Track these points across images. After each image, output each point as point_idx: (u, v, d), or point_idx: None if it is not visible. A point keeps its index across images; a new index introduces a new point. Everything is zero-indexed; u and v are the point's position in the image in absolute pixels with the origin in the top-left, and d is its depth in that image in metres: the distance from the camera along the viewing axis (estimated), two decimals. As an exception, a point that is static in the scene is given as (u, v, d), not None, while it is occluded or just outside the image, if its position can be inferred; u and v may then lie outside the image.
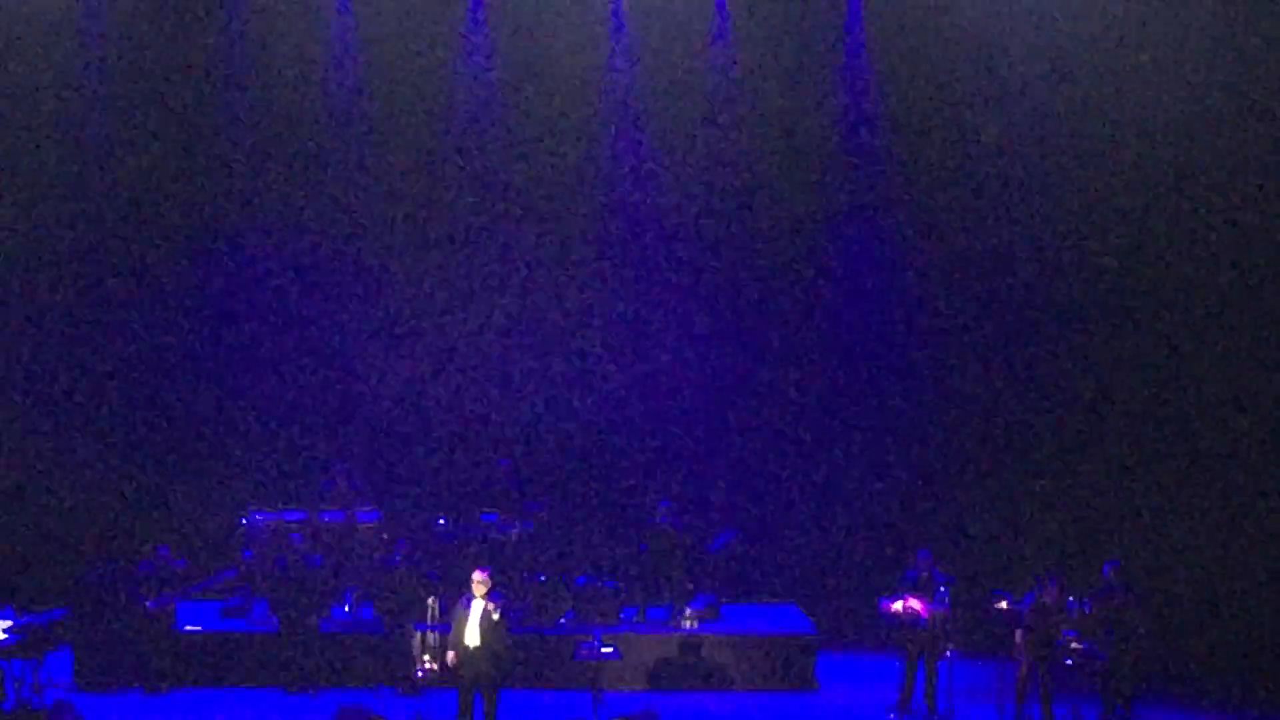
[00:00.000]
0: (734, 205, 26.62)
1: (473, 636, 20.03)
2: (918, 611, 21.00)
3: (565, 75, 26.39)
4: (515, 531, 23.80)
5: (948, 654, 21.09)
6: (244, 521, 24.06)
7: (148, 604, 22.02)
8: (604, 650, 20.90)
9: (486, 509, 23.98)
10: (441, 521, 24.00)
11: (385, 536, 23.92)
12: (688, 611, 23.43)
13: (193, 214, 26.29)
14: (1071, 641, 20.57)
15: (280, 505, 24.35)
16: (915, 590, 21.17)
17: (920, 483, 26.39)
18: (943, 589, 21.09)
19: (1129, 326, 26.04)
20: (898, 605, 21.17)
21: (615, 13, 26.39)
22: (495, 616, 20.00)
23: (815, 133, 26.48)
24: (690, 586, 23.81)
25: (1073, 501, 25.95)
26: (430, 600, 22.05)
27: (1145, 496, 25.81)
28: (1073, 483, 26.06)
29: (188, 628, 22.77)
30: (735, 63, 26.35)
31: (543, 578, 23.49)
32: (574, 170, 26.57)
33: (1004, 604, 21.01)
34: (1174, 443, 25.91)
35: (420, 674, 21.86)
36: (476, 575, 20.13)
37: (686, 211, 26.68)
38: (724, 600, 24.25)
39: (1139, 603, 21.14)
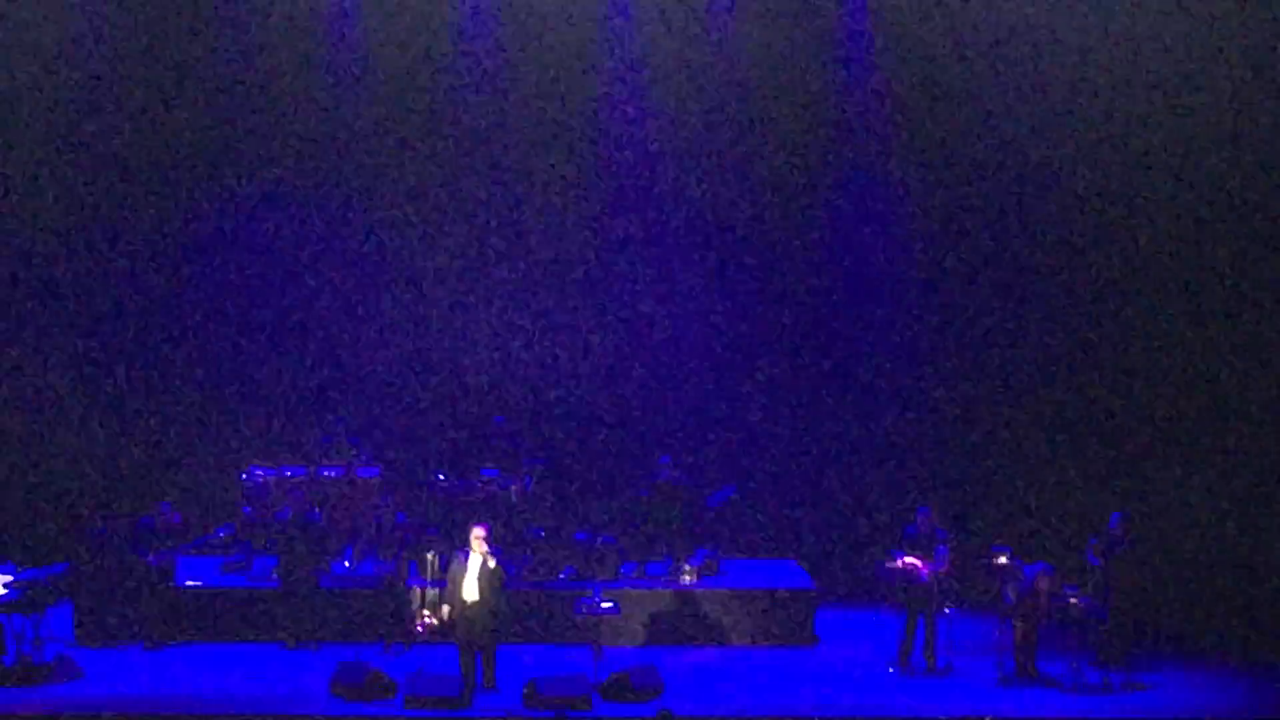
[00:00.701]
0: (733, 161, 26.52)
1: (471, 591, 20.13)
2: (917, 568, 21.03)
3: (562, 31, 26.27)
4: (514, 487, 23.82)
5: (947, 611, 21.14)
6: (244, 477, 24.08)
7: (149, 559, 22.06)
8: (603, 605, 20.99)
9: (486, 465, 23.98)
10: (441, 477, 24.01)
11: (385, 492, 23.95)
12: (687, 567, 23.47)
13: (193, 169, 26.17)
14: (1071, 597, 20.59)
15: (280, 461, 24.35)
16: (915, 547, 21.19)
17: (920, 438, 26.38)
18: (942, 546, 21.13)
19: (1133, 279, 25.97)
20: (898, 561, 21.21)
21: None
22: (493, 569, 20.08)
23: (815, 88, 26.38)
24: (689, 542, 23.85)
25: (1076, 457, 25.95)
26: (429, 555, 22.09)
27: (1148, 450, 25.81)
28: (1075, 438, 26.06)
29: (188, 583, 22.80)
30: (735, 18, 26.24)
31: (542, 533, 23.52)
32: (572, 127, 26.47)
33: (1003, 559, 21.04)
34: (1179, 395, 25.87)
35: (419, 629, 21.91)
36: (475, 531, 20.21)
37: (687, 167, 26.59)
38: (723, 555, 24.29)
39: (1142, 556, 21.23)
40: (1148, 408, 25.94)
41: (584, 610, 21.00)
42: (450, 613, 20.28)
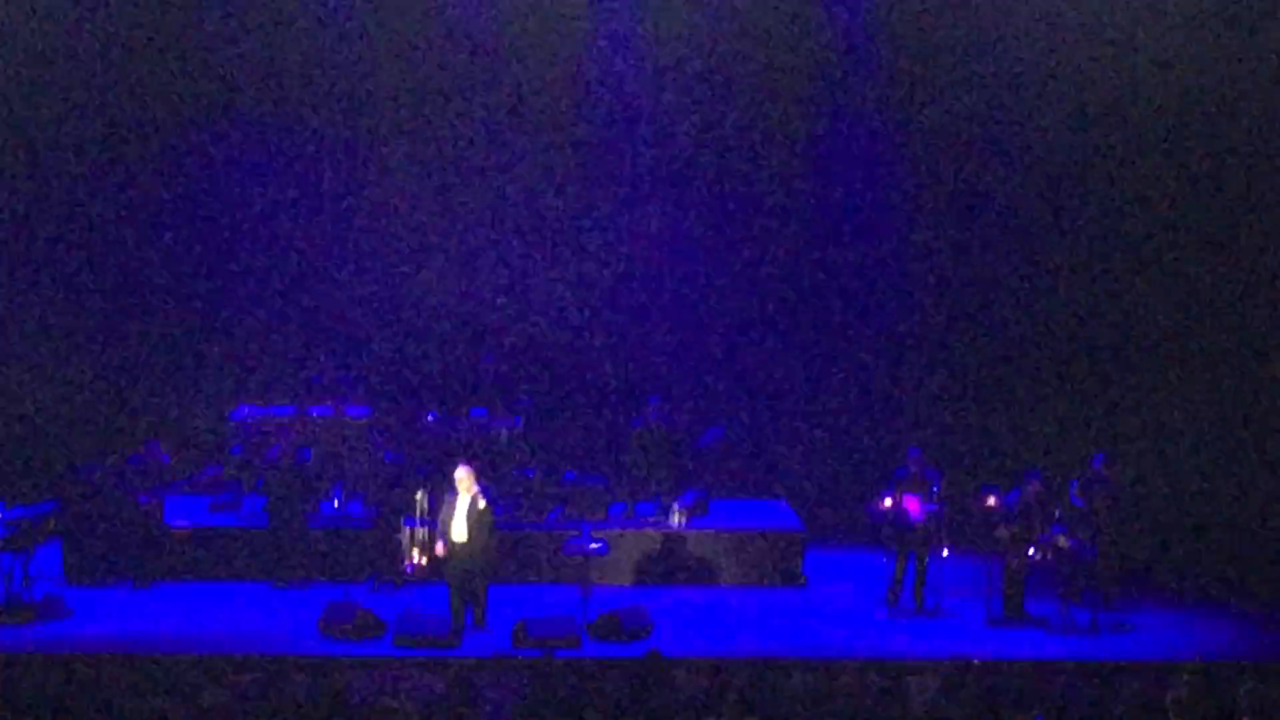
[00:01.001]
0: (724, 98, 26.43)
1: (460, 532, 20.14)
2: (907, 509, 21.04)
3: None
4: (504, 428, 23.80)
5: (945, 553, 21.13)
6: (233, 416, 24.04)
7: (138, 498, 22.02)
8: (592, 545, 20.99)
9: (476, 405, 23.95)
10: (431, 417, 23.98)
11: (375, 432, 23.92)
12: (676, 507, 23.47)
13: (181, 107, 26.04)
14: (1059, 538, 20.59)
15: (269, 400, 24.31)
16: (905, 488, 21.18)
17: (910, 379, 26.40)
18: (934, 487, 21.12)
19: (1119, 218, 25.94)
20: (887, 502, 21.20)
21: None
22: (482, 509, 20.10)
23: (804, 27, 26.26)
24: (679, 482, 23.84)
25: (1065, 397, 25.97)
26: (419, 495, 22.07)
27: (1137, 392, 25.83)
28: (1065, 378, 26.08)
29: (177, 522, 22.79)
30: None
31: (531, 473, 23.52)
32: (563, 62, 26.35)
33: (992, 500, 21.05)
34: (1166, 335, 25.89)
35: (409, 569, 21.92)
36: (461, 470, 20.22)
37: (676, 106, 26.50)
38: (712, 496, 24.29)
39: (1124, 497, 21.26)
40: (1135, 348, 25.98)
41: (573, 550, 21.02)
42: (441, 550, 20.32)
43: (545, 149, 26.46)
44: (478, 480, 20.44)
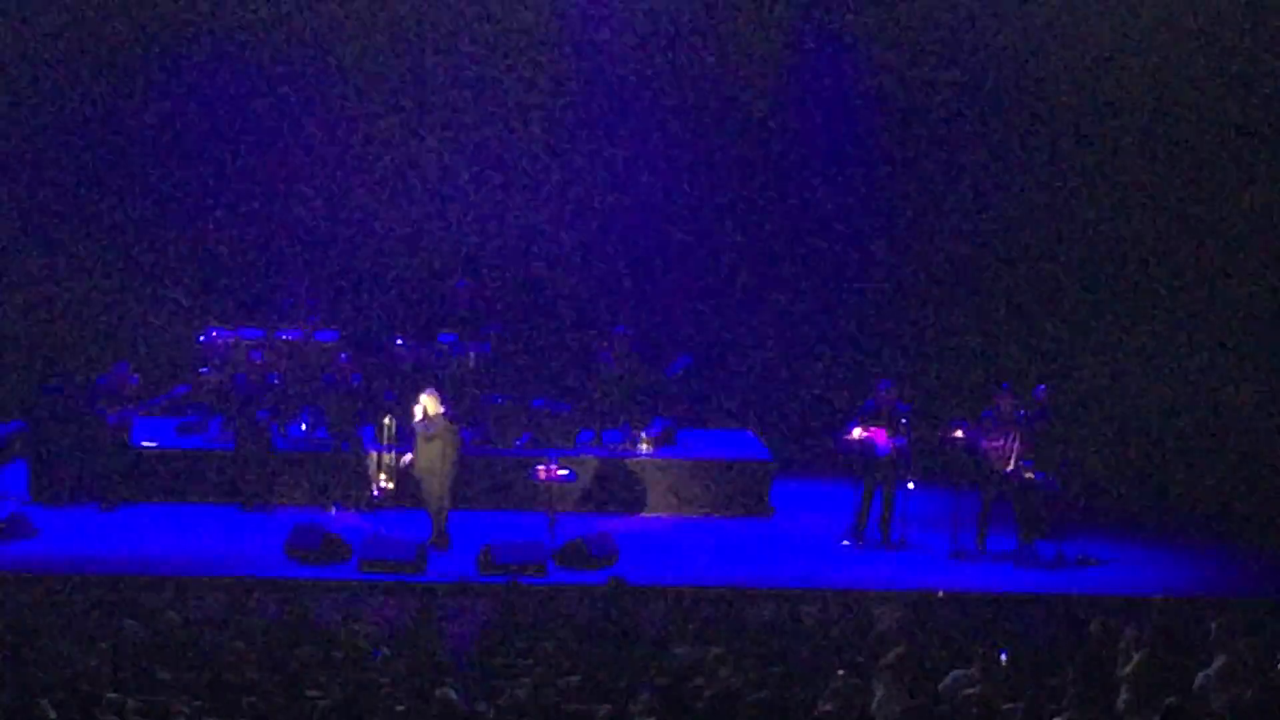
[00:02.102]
0: (692, 30, 26.32)
1: (423, 455, 20.25)
2: (874, 442, 21.05)
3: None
4: (472, 353, 23.73)
5: (910, 485, 21.16)
6: (201, 339, 23.94)
7: (105, 419, 21.94)
8: (559, 473, 21.00)
9: (444, 330, 23.89)
10: (399, 342, 23.90)
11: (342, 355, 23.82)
12: (643, 436, 23.48)
13: (151, 29, 25.83)
14: (1026, 472, 20.63)
15: (237, 323, 24.20)
16: (874, 420, 21.18)
17: (878, 308, 26.38)
18: (903, 420, 21.13)
19: (1088, 152, 25.92)
20: (856, 433, 21.18)
21: None
22: (446, 432, 20.18)
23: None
24: (646, 411, 23.83)
25: (1033, 329, 26.02)
26: (386, 420, 22.05)
27: (1105, 325, 25.90)
28: (1034, 309, 26.13)
29: (144, 443, 22.74)
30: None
31: (499, 400, 23.49)
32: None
33: (959, 433, 21.06)
34: (1131, 269, 25.95)
35: (376, 494, 21.92)
36: (425, 396, 20.31)
37: (645, 36, 26.35)
38: (680, 426, 24.30)
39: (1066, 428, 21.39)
40: (1107, 279, 26.01)
41: (540, 477, 21.02)
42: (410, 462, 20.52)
43: (517, 78, 26.29)
44: (444, 405, 20.45)
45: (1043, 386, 21.75)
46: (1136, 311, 25.81)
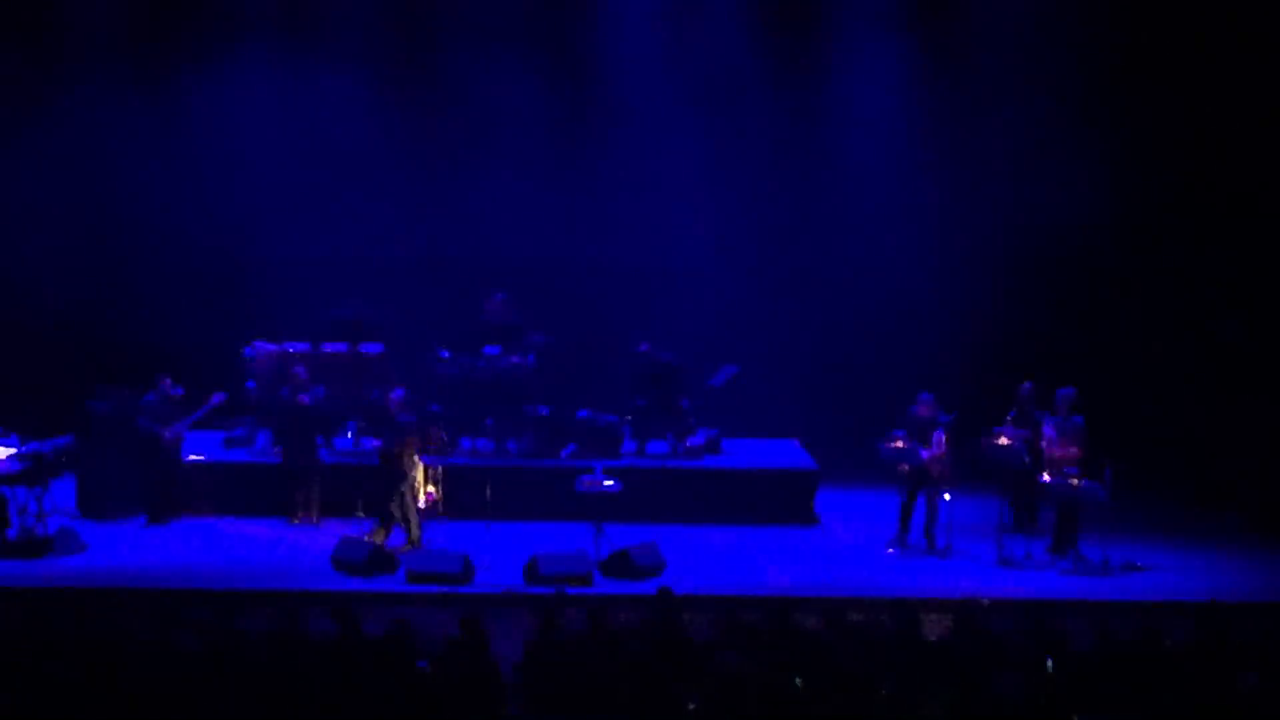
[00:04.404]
0: (735, 45, 26.38)
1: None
2: (915, 450, 21.07)
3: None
4: (518, 364, 23.78)
5: (946, 496, 21.19)
6: (247, 352, 24.04)
7: (163, 433, 22.07)
8: (605, 484, 21.03)
9: (489, 342, 23.95)
10: (444, 355, 23.97)
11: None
12: (688, 445, 23.54)
13: (196, 37, 26.07)
14: (1072, 479, 20.58)
15: (283, 337, 24.30)
16: (915, 430, 21.22)
17: (923, 319, 26.35)
18: (939, 430, 21.17)
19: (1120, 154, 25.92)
20: (899, 443, 21.23)
21: None
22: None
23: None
24: (692, 421, 23.89)
25: (1073, 331, 26.06)
26: (431, 432, 22.12)
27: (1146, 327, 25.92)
28: (1073, 312, 26.18)
29: (191, 457, 22.88)
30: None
31: (545, 411, 23.54)
32: (578, 5, 26.35)
33: (1004, 439, 21.08)
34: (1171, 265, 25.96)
35: (422, 505, 21.99)
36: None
37: (690, 47, 26.45)
38: (725, 435, 24.33)
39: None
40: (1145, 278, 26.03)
41: (586, 488, 21.06)
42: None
43: (557, 88, 26.39)
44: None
45: (1029, 384, 21.82)
46: (1178, 312, 25.79)
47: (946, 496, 21.19)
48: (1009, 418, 21.70)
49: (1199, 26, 25.27)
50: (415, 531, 21.06)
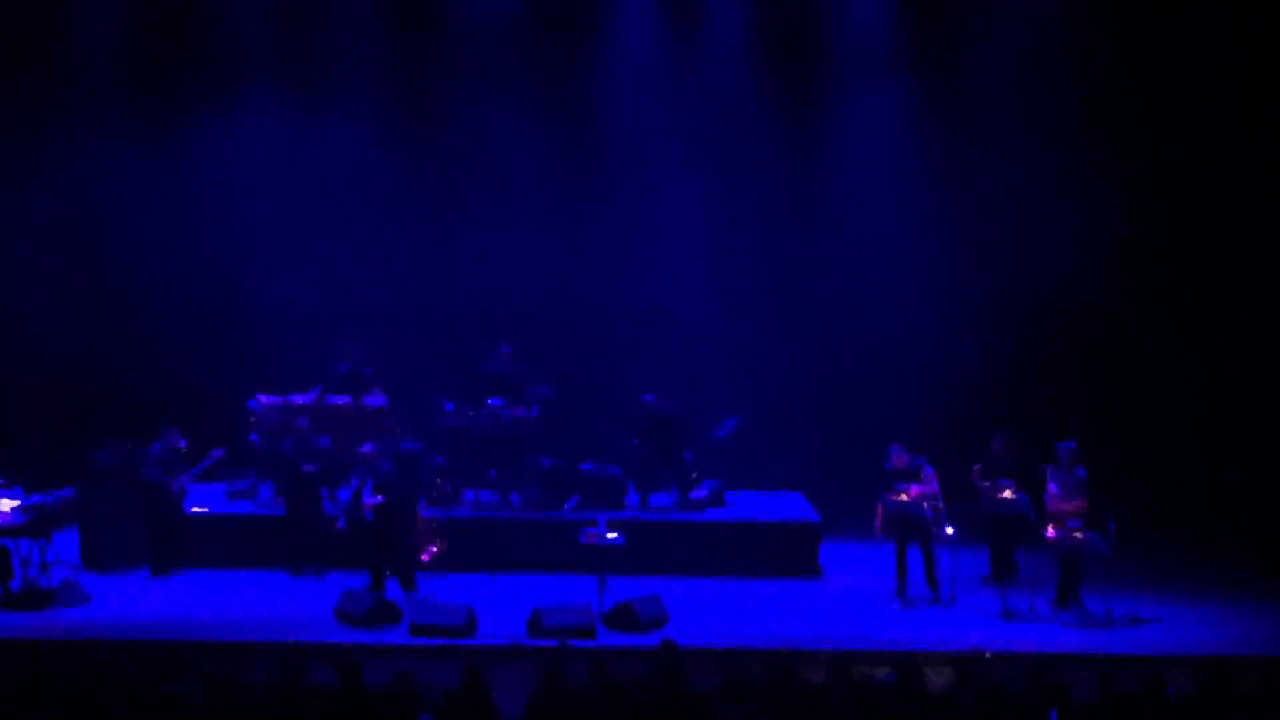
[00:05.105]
0: (736, 91, 26.50)
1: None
2: (909, 499, 21.18)
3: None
4: (520, 417, 23.80)
5: (949, 531, 21.20)
6: (251, 405, 24.07)
7: (156, 485, 22.08)
8: (608, 536, 21.03)
9: (493, 394, 23.98)
10: (448, 407, 24.00)
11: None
12: (691, 498, 23.54)
13: (195, 91, 26.15)
14: (1076, 532, 20.59)
15: (287, 389, 24.32)
16: (902, 479, 21.32)
17: (927, 370, 26.35)
18: (928, 467, 21.28)
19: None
20: (903, 496, 21.26)
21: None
22: None
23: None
24: (695, 473, 23.89)
25: (1079, 383, 26.07)
26: (437, 484, 22.16)
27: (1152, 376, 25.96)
28: (1077, 363, 26.22)
29: (194, 509, 22.88)
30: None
31: (548, 463, 23.56)
32: (579, 52, 26.46)
33: (1008, 492, 21.11)
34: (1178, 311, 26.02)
35: (424, 557, 21.97)
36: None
37: (691, 94, 26.56)
38: (729, 487, 24.33)
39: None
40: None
41: (589, 540, 21.05)
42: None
43: (557, 135, 26.50)
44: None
45: (1002, 435, 21.88)
46: (1187, 359, 25.85)
47: (949, 530, 21.18)
48: (975, 469, 21.77)
49: (1200, 77, 25.34)
50: (412, 583, 21.05)
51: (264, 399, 24.02)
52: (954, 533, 21.20)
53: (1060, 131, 25.93)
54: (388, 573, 21.13)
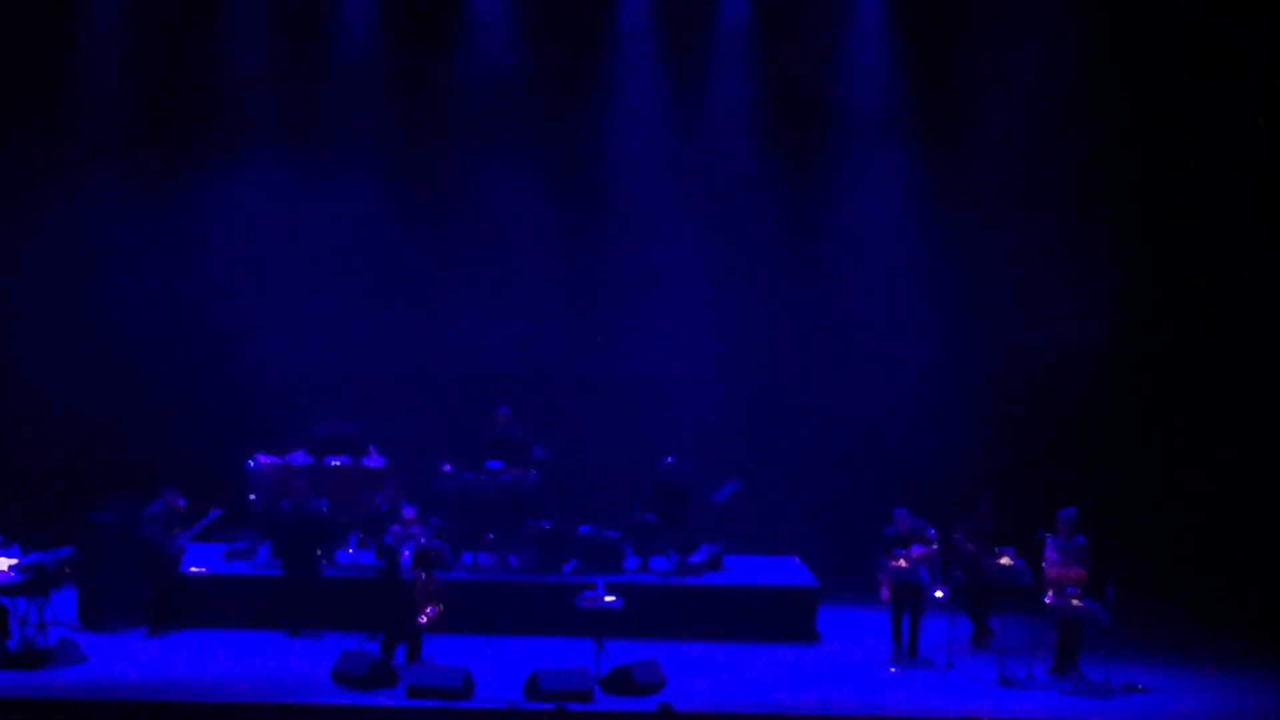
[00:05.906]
0: (738, 156, 26.61)
1: None
2: (906, 565, 21.22)
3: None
4: (519, 480, 23.80)
5: (939, 594, 21.22)
6: (249, 465, 24.09)
7: (167, 544, 22.08)
8: (606, 599, 21.01)
9: (492, 457, 23.99)
10: (446, 469, 24.00)
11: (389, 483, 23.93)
12: (690, 562, 23.53)
13: (193, 155, 26.27)
14: (1073, 599, 20.58)
15: (285, 450, 24.33)
16: (903, 544, 21.35)
17: (925, 436, 26.37)
18: (930, 529, 21.33)
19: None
20: (901, 561, 21.29)
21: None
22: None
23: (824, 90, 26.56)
24: (693, 537, 23.89)
25: (1082, 453, 26.07)
26: (435, 545, 22.14)
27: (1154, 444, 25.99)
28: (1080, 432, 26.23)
29: (192, 569, 22.86)
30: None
31: (547, 526, 23.55)
32: (585, 110, 26.58)
33: (1006, 559, 21.11)
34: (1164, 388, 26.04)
35: (423, 620, 21.92)
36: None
37: (694, 158, 26.67)
38: (727, 551, 24.32)
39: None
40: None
41: (587, 603, 21.03)
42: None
43: (560, 199, 26.62)
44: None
45: (987, 498, 21.94)
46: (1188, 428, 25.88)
47: (939, 594, 21.20)
48: (959, 530, 21.85)
49: (1205, 150, 25.48)
50: (417, 648, 21.01)
51: (262, 459, 24.03)
52: (944, 596, 21.23)
53: (1059, 201, 26.05)
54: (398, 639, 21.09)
